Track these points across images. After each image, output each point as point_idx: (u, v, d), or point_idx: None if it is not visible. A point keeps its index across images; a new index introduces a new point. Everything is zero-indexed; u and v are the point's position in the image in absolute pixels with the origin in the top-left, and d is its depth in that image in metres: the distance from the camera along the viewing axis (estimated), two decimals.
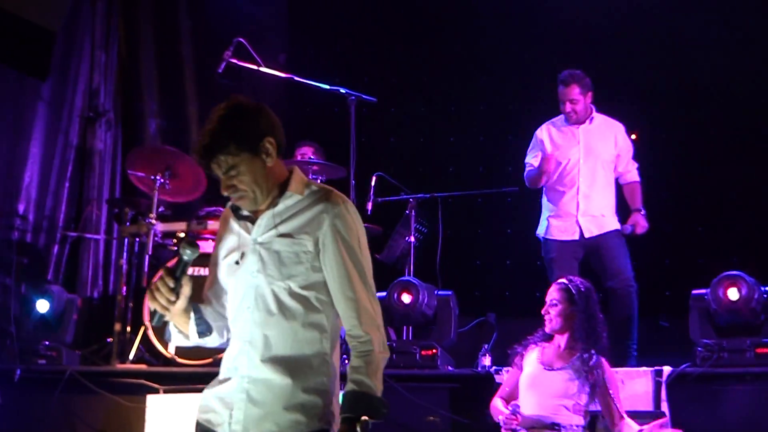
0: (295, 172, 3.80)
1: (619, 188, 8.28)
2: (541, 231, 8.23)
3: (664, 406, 6.83)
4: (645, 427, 6.15)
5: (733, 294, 7.03)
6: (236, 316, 3.75)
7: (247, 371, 3.69)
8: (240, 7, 10.34)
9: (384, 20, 10.78)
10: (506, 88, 10.32)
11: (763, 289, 7.08)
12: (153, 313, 3.64)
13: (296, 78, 8.34)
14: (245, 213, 3.80)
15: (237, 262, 3.75)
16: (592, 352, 5.96)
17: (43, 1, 8.71)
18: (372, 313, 3.71)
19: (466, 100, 10.50)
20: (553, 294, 6.14)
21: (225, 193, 3.74)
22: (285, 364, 3.66)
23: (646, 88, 9.66)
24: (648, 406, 6.87)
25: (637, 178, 8.24)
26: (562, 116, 8.24)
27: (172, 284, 3.58)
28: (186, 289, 3.63)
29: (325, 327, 3.73)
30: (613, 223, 8.06)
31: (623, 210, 8.19)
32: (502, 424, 5.84)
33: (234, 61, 8.06)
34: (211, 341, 3.88)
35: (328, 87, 8.14)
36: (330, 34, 10.85)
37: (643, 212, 8.13)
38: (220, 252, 3.85)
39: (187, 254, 3.60)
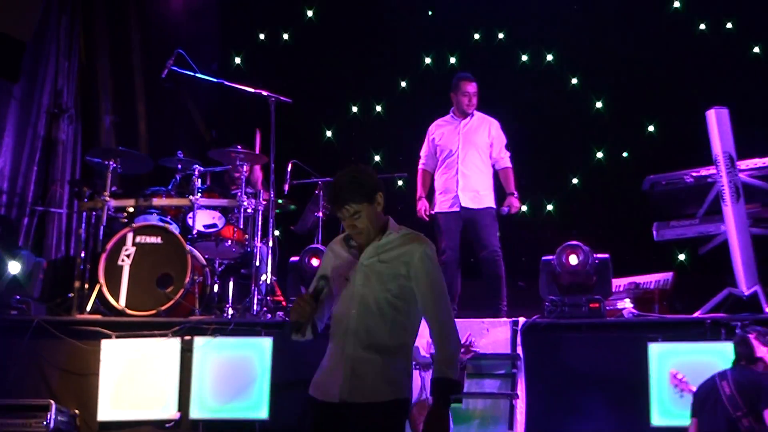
0: (390, 219, 4.30)
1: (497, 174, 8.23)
2: (433, 208, 8.16)
3: (519, 350, 7.04)
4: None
5: (573, 259, 7.31)
6: (343, 316, 4.22)
7: (352, 352, 4.14)
8: (180, 24, 10.35)
9: (299, 36, 10.85)
10: (397, 92, 10.51)
11: (595, 256, 7.34)
12: (294, 324, 4.14)
13: (226, 83, 8.44)
14: (354, 244, 4.27)
15: (347, 279, 4.23)
16: None
17: (15, 16, 8.66)
18: (452, 326, 4.21)
19: (365, 101, 10.65)
20: None
21: (348, 231, 4.23)
22: (379, 348, 4.14)
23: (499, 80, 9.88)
24: (507, 349, 7.10)
25: (509, 165, 8.15)
26: (449, 114, 8.23)
27: (314, 304, 4.15)
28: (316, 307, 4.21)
29: (407, 325, 4.22)
30: (488, 200, 8.04)
31: (500, 194, 8.19)
32: None
33: (175, 68, 8.14)
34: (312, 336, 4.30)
35: (252, 90, 8.25)
36: (254, 47, 10.88)
37: (515, 195, 8.08)
38: (331, 273, 4.30)
39: (321, 285, 4.19)
